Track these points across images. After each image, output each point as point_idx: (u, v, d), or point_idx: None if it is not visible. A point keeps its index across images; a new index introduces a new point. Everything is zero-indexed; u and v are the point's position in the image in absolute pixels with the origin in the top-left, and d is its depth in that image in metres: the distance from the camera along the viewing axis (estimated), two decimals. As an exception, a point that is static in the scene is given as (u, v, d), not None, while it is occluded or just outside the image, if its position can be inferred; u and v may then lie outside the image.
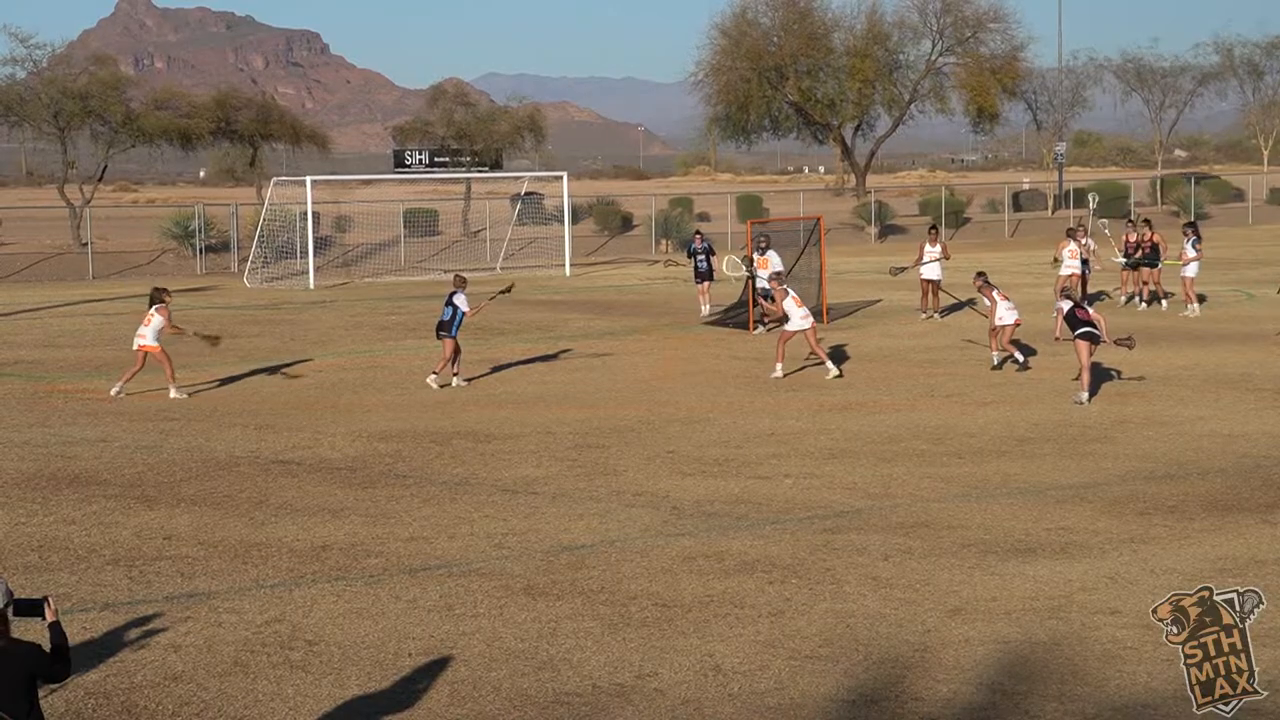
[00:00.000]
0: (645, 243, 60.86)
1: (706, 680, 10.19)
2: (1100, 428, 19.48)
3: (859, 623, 11.36)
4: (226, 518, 15.10)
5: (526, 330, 31.97)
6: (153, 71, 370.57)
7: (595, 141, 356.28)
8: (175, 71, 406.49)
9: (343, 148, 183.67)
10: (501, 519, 14.92)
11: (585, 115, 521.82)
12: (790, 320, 24.59)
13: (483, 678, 10.29)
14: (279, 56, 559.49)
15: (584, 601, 12.01)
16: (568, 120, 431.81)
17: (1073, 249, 32.60)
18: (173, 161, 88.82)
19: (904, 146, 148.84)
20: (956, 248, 55.73)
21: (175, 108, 63.16)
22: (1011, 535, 13.99)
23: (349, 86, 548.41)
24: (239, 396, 23.36)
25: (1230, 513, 14.76)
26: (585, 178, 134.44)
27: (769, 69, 77.36)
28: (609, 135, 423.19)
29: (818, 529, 14.33)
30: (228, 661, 10.69)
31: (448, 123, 67.55)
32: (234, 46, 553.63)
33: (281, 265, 48.91)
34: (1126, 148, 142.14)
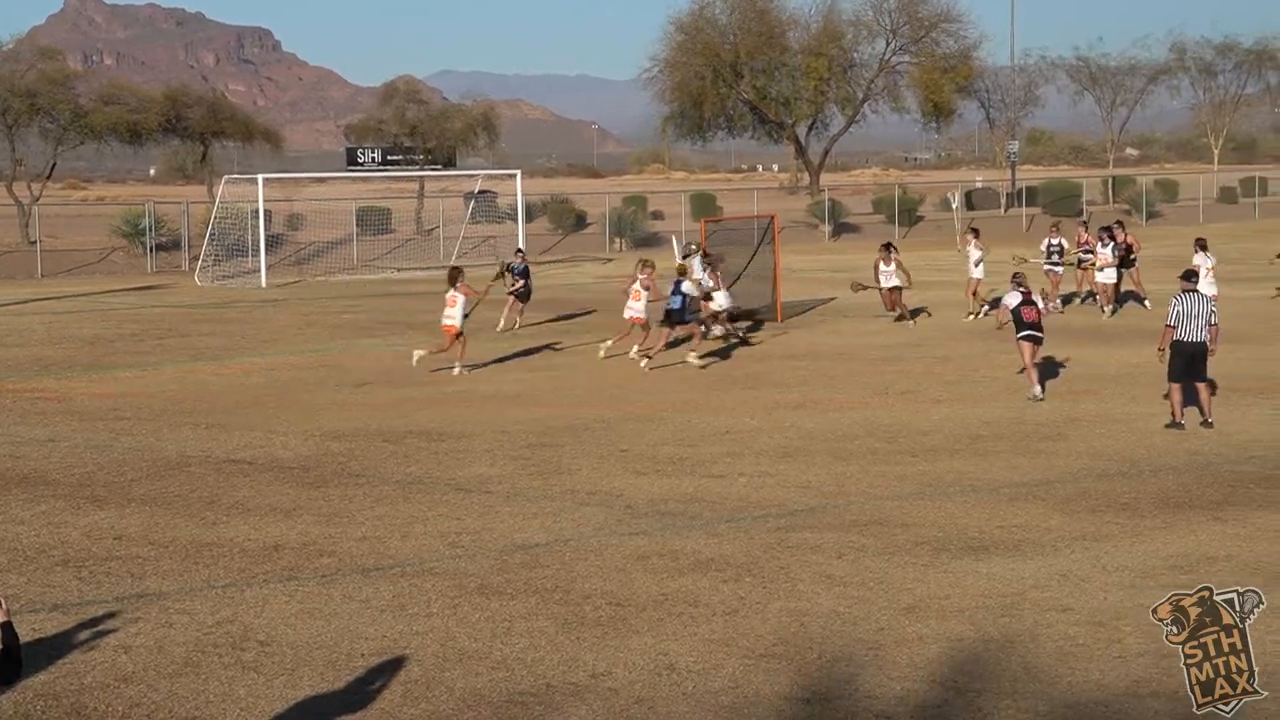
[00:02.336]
0: (599, 241, 60.87)
1: (660, 679, 10.20)
2: (1053, 425, 19.59)
3: (813, 621, 11.39)
4: (177, 517, 15.02)
5: (480, 329, 31.86)
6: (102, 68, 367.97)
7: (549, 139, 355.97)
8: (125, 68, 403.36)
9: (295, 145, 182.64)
10: (455, 518, 14.89)
11: (539, 113, 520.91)
12: (716, 299, 26.33)
13: (436, 678, 10.27)
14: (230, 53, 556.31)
15: (538, 600, 12.00)
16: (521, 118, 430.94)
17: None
18: (122, 159, 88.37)
19: (857, 145, 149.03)
20: (909, 245, 55.94)
21: (124, 103, 62.72)
22: (965, 533, 14.05)
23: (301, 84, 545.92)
24: (190, 395, 23.24)
25: (1182, 510, 14.87)
26: (539, 176, 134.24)
27: (724, 66, 77.42)
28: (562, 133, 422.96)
29: (772, 527, 14.35)
30: (179, 662, 10.62)
31: (400, 120, 67.33)
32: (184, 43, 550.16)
33: (233, 263, 48.68)
34: (1079, 146, 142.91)
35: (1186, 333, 19.20)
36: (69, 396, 22.99)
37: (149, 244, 52.45)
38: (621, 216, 62.42)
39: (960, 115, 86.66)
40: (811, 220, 67.14)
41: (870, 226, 68.06)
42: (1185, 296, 19.50)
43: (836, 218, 67.18)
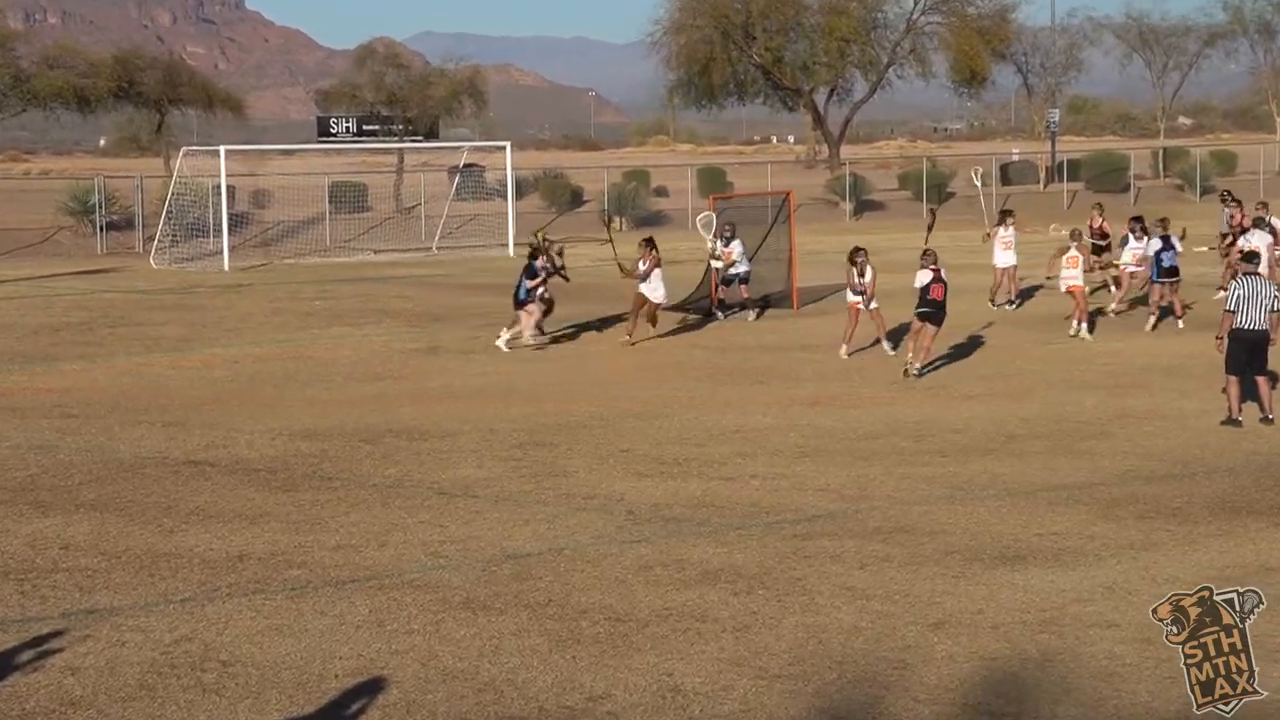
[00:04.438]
0: (597, 220, 60.82)
1: (665, 702, 10.23)
2: (1097, 423, 19.62)
3: (832, 638, 11.41)
4: (131, 525, 15.04)
5: (466, 316, 31.94)
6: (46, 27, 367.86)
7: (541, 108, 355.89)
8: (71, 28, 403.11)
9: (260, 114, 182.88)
10: (438, 525, 14.92)
11: (530, 79, 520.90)
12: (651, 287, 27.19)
13: (417, 700, 10.29)
14: (188, 12, 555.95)
15: (529, 616, 12.02)
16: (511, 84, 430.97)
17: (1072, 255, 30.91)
18: (69, 128, 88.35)
19: (882, 114, 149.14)
20: (940, 224, 55.89)
21: (71, 66, 62.73)
22: (999, 541, 14.07)
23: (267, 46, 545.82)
24: (145, 390, 23.26)
25: (1238, 516, 14.90)
26: (530, 148, 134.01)
27: (734, 28, 77.37)
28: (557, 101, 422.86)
29: (787, 535, 14.38)
30: (132, 685, 10.65)
31: (377, 87, 67.33)
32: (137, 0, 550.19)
33: (192, 244, 48.67)
34: (1126, 115, 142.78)
35: (1247, 319, 19.16)
36: (9, 392, 23.03)
37: (99, 223, 52.45)
38: (622, 193, 62.37)
39: (995, 81, 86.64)
40: (831, 197, 67.13)
41: (896, 204, 68.06)
42: (1246, 279, 19.49)
43: (859, 194, 67.14)
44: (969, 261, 38.49)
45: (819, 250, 45.46)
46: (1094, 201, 39.04)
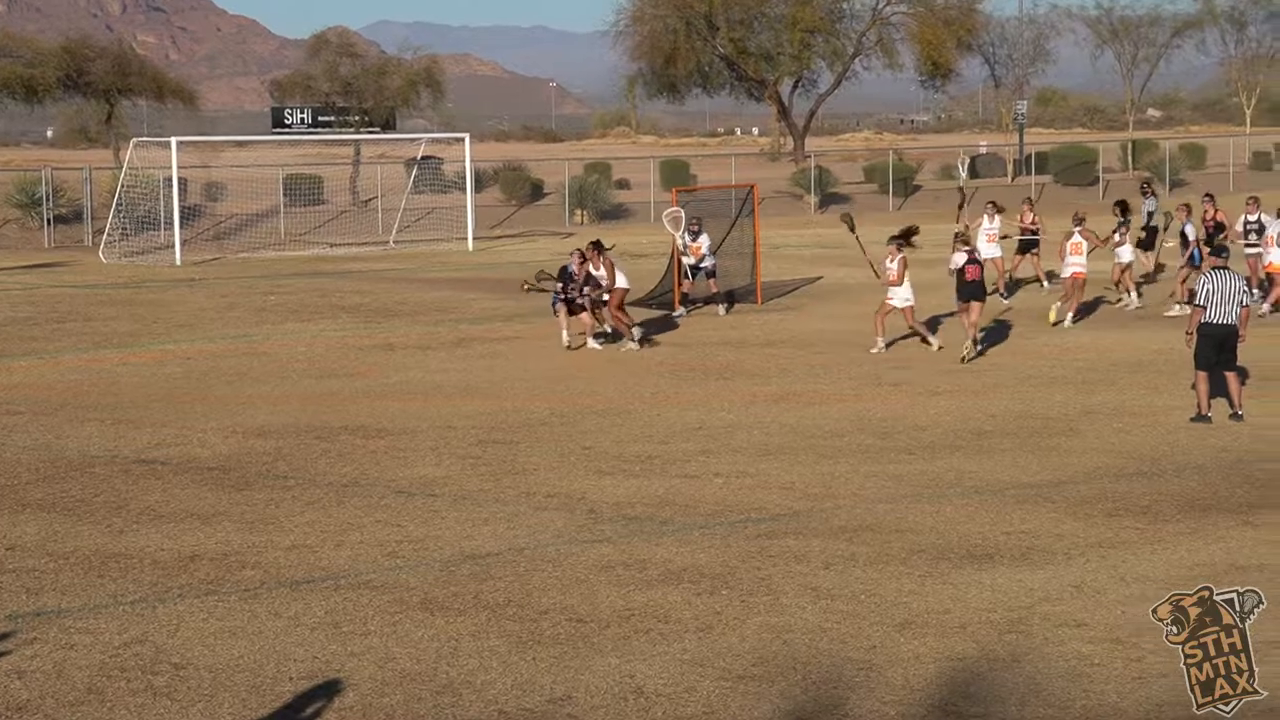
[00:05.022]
0: (557, 213, 60.80)
1: (627, 704, 10.23)
2: (1065, 419, 19.70)
3: (797, 638, 11.43)
4: (80, 525, 14.98)
5: (423, 312, 31.89)
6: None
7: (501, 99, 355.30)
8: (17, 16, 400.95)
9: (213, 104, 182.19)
10: (395, 525, 14.89)
11: (489, 69, 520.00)
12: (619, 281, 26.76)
13: (374, 704, 10.28)
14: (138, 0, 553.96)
15: (489, 617, 12.01)
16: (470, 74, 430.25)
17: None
18: (15, 119, 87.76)
19: (848, 106, 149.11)
20: (906, 219, 56.02)
21: (17, 56, 62.37)
22: (966, 540, 14.12)
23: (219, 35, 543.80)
24: (94, 387, 23.17)
25: (1208, 514, 14.97)
26: (490, 140, 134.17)
27: (697, 17, 77.39)
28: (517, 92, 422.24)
29: (751, 534, 14.40)
30: (81, 689, 10.61)
31: (332, 77, 67.11)
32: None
33: (143, 238, 48.46)
34: (1094, 107, 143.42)
35: (1217, 314, 19.23)
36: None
37: (46, 215, 52.14)
38: (583, 186, 62.29)
39: (962, 73, 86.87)
40: (796, 190, 67.16)
41: (862, 197, 68.13)
42: (1216, 274, 19.55)
43: (824, 187, 67.19)
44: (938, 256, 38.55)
45: (783, 244, 45.59)
46: (1024, 196, 38.87)
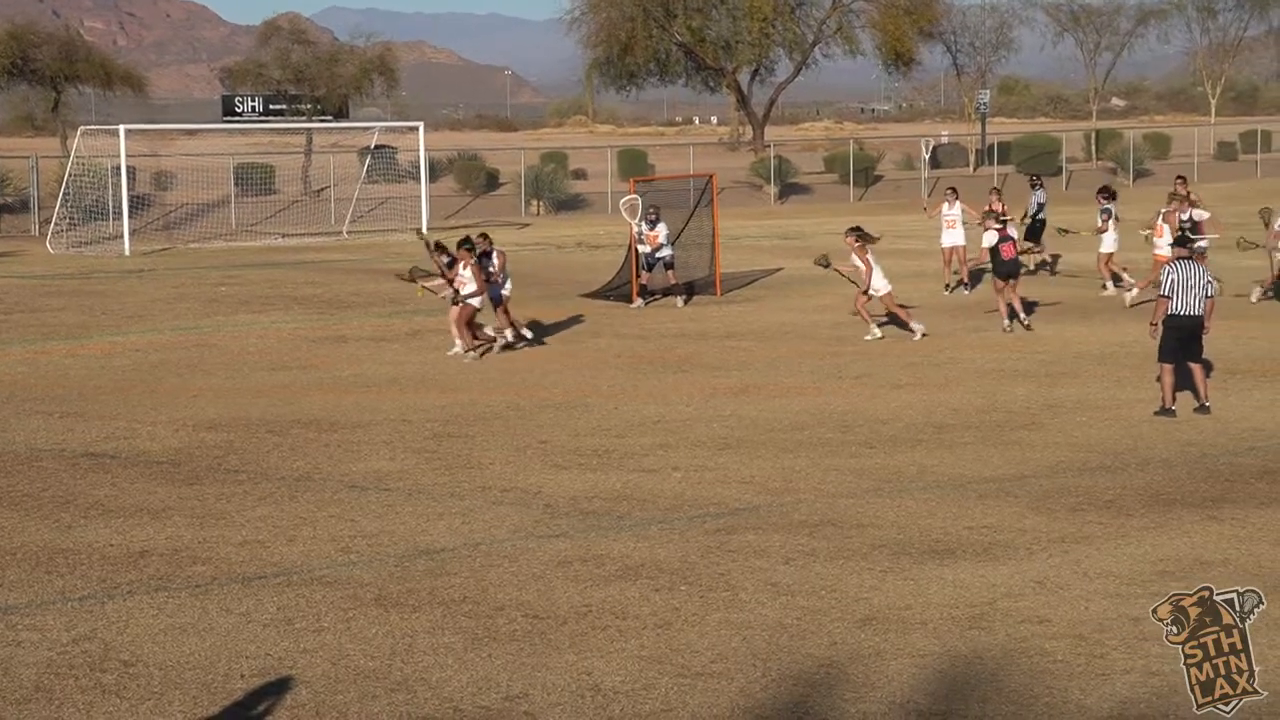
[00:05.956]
0: (513, 203, 60.77)
1: (584, 701, 10.23)
2: (1028, 413, 19.76)
3: (756, 635, 11.45)
4: (26, 520, 14.90)
5: (377, 303, 31.83)
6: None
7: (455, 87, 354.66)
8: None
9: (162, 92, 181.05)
10: (349, 519, 14.86)
11: (443, 56, 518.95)
12: None
13: (327, 701, 10.25)
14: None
15: (444, 613, 12.00)
16: (423, 62, 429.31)
17: (1161, 225, 29.75)
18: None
19: (807, 95, 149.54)
20: (867, 209, 56.22)
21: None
22: (928, 535, 14.15)
23: (168, 21, 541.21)
24: (41, 379, 23.06)
25: (1172, 508, 15.04)
26: (444, 128, 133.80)
27: (655, 5, 77.38)
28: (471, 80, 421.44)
29: (710, 529, 14.41)
30: (28, 686, 10.56)
31: (284, 64, 66.93)
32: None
33: (91, 228, 48.24)
34: (1058, 96, 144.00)
35: (1182, 305, 19.26)
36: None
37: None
38: (539, 176, 62.29)
39: (923, 62, 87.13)
40: (755, 180, 67.29)
41: (822, 187, 68.34)
42: (1180, 264, 19.59)
43: (784, 177, 67.34)
44: (899, 246, 38.69)
45: (743, 235, 45.64)
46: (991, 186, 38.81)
